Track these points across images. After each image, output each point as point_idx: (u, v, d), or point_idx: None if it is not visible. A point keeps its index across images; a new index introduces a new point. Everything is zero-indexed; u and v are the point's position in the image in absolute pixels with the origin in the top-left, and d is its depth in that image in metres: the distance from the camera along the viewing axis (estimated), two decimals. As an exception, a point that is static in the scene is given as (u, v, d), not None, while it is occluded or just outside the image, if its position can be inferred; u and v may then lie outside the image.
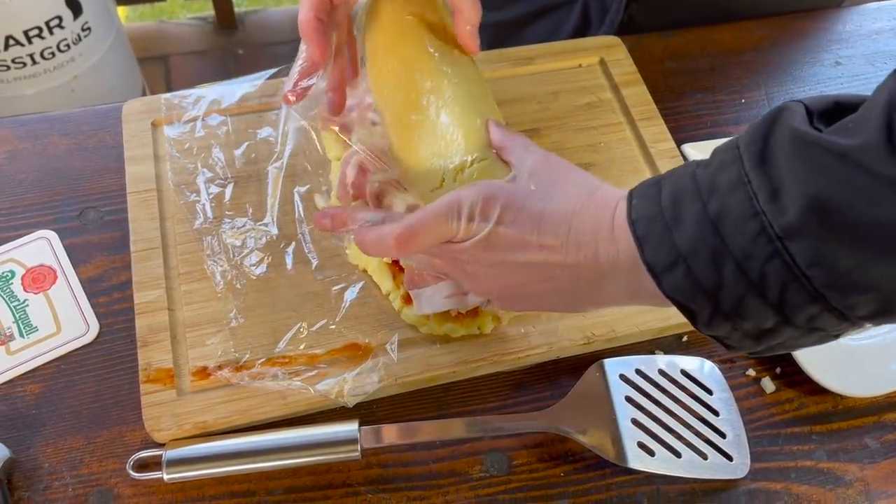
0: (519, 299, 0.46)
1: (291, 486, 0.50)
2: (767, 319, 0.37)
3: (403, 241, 0.44)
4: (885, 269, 0.33)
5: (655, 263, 0.38)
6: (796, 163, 0.34)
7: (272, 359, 0.52)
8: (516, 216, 0.42)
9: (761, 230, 0.34)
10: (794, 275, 0.34)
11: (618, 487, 0.51)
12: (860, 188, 0.32)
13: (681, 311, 0.39)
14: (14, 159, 0.63)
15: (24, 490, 0.49)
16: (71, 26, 1.33)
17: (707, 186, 0.37)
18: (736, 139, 0.38)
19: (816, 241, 0.33)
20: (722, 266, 0.36)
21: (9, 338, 0.54)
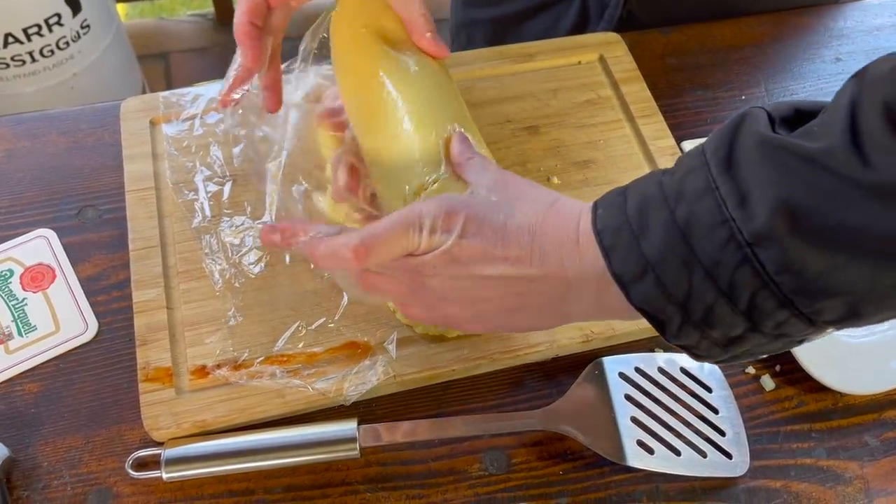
0: (483, 317, 0.44)
1: (290, 484, 0.50)
2: (737, 327, 0.36)
3: (362, 253, 0.42)
4: (854, 273, 0.33)
5: (623, 273, 0.37)
6: (764, 167, 0.34)
7: (271, 357, 0.52)
8: (479, 228, 0.42)
9: (730, 237, 0.34)
10: (763, 281, 0.34)
11: (617, 486, 0.51)
12: (828, 191, 0.32)
13: (650, 322, 0.38)
14: (12, 158, 0.63)
15: (24, 489, 0.49)
16: (70, 24, 1.33)
17: (674, 194, 0.36)
18: (702, 145, 0.37)
19: (785, 246, 0.33)
20: (691, 274, 0.35)
21: (7, 337, 0.54)
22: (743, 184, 0.34)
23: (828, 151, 0.33)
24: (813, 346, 0.55)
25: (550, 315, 0.43)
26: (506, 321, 0.45)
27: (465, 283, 0.42)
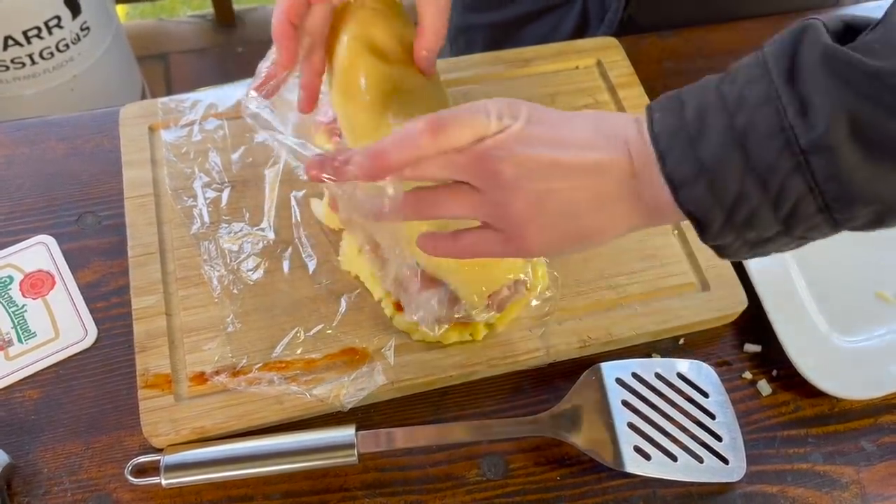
0: (553, 217, 0.42)
1: (289, 490, 0.50)
2: (772, 229, 0.39)
3: (436, 128, 0.41)
4: (892, 183, 0.36)
5: (676, 176, 0.39)
6: (828, 78, 0.35)
7: (269, 364, 0.52)
8: (543, 117, 0.42)
9: (786, 145, 0.36)
10: (809, 188, 0.36)
11: (614, 491, 0.51)
12: (888, 106, 0.35)
13: (692, 223, 0.40)
14: (12, 164, 0.63)
15: (24, 495, 0.49)
16: (70, 26, 1.33)
17: (735, 101, 0.37)
18: (762, 54, 0.38)
19: (839, 154, 0.35)
20: (744, 179, 0.37)
21: (7, 343, 0.55)
22: (805, 94, 0.36)
23: (891, 71, 0.34)
24: (809, 351, 0.55)
25: (609, 213, 0.42)
26: (574, 221, 0.42)
27: (536, 170, 0.41)
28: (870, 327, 0.58)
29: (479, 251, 0.45)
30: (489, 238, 0.43)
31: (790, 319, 0.56)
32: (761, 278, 0.58)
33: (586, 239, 0.43)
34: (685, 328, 0.57)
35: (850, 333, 0.57)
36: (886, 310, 0.59)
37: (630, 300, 0.57)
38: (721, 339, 0.58)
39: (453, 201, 0.43)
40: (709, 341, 0.58)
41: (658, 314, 0.56)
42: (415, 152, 0.41)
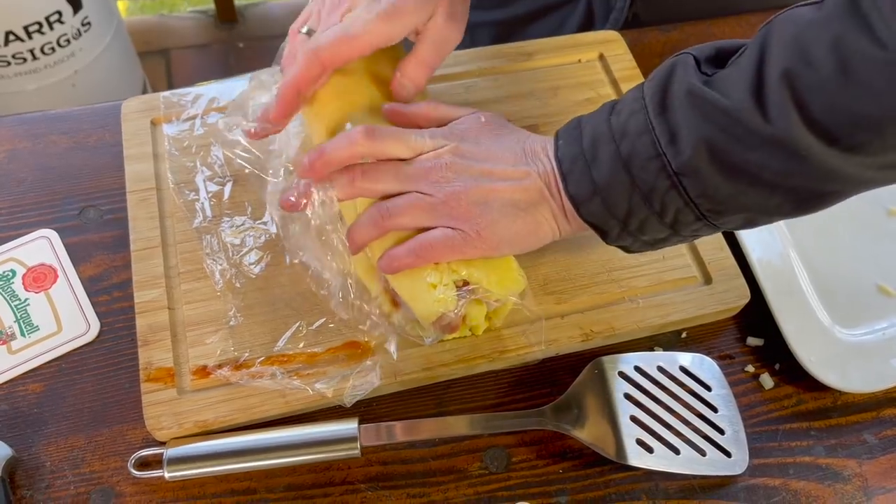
0: (495, 210, 0.47)
1: (292, 483, 0.50)
2: (662, 233, 0.46)
3: (372, 133, 0.48)
4: (752, 197, 0.43)
5: (576, 195, 0.46)
6: (690, 114, 0.42)
7: (271, 357, 0.52)
8: (478, 135, 0.50)
9: (662, 168, 0.43)
10: (685, 202, 0.44)
11: (616, 484, 0.51)
12: (738, 136, 0.41)
13: (594, 231, 0.48)
14: (14, 158, 0.63)
15: (27, 489, 0.49)
16: (71, 21, 1.33)
17: (620, 131, 0.45)
18: (641, 89, 0.45)
19: (703, 176, 0.42)
20: (631, 197, 0.45)
21: (10, 337, 0.55)
22: (673, 125, 0.43)
23: (739, 107, 0.41)
24: (812, 344, 0.55)
25: (539, 214, 0.48)
26: (518, 215, 0.48)
27: (476, 176, 0.48)
28: (872, 321, 0.58)
29: (438, 248, 0.48)
30: (448, 234, 0.47)
31: (793, 313, 0.56)
32: (764, 272, 0.58)
33: (532, 234, 0.48)
34: (688, 322, 0.57)
35: (853, 327, 0.57)
36: (889, 303, 0.59)
37: (633, 294, 0.57)
38: (723, 333, 0.58)
39: (409, 207, 0.48)
40: (711, 335, 0.58)
41: (660, 308, 0.56)
42: (351, 150, 0.48)
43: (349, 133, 0.48)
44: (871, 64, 0.37)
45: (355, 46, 0.48)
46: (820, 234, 0.61)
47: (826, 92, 0.39)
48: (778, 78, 0.40)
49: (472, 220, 0.47)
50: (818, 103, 0.39)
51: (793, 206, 0.44)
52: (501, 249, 0.48)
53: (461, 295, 0.49)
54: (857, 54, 0.38)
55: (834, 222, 0.62)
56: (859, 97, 0.38)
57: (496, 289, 0.49)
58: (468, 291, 0.49)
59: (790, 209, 0.44)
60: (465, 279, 0.49)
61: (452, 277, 0.49)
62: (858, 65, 0.38)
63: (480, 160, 0.48)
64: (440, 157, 0.48)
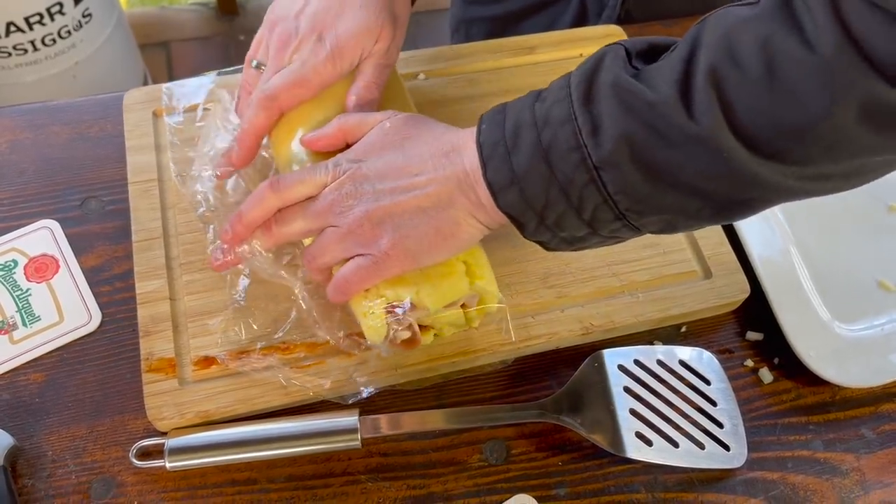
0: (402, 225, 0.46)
1: (292, 474, 0.50)
2: (581, 230, 0.44)
3: (275, 185, 0.48)
4: (671, 198, 0.41)
5: (494, 182, 0.44)
6: (614, 106, 0.40)
7: (273, 346, 0.53)
8: (381, 152, 0.48)
9: (582, 160, 0.41)
10: (604, 198, 0.41)
11: (615, 477, 0.52)
12: (660, 132, 0.39)
13: (511, 222, 0.45)
14: (15, 149, 0.63)
15: (28, 478, 0.49)
16: (72, 12, 1.33)
17: (542, 119, 0.42)
18: (568, 77, 0.43)
19: (623, 172, 0.40)
20: (549, 188, 0.42)
21: (12, 327, 0.55)
22: (596, 117, 0.40)
23: (664, 101, 0.39)
24: (811, 339, 0.56)
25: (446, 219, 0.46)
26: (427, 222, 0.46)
27: (378, 195, 0.46)
28: (871, 316, 0.58)
29: (354, 280, 0.48)
30: (359, 263, 0.47)
31: (792, 308, 0.57)
32: (764, 267, 0.58)
33: (451, 237, 0.46)
34: (687, 316, 0.57)
35: (852, 322, 0.58)
36: (888, 298, 0.59)
37: (633, 288, 0.57)
38: (723, 327, 0.59)
39: (325, 245, 0.48)
40: (711, 329, 0.58)
41: (660, 302, 0.56)
42: (263, 207, 0.48)
43: (257, 191, 0.48)
44: (797, 67, 0.36)
45: (309, 88, 0.52)
46: (820, 230, 0.62)
47: (751, 94, 0.37)
48: (705, 76, 0.38)
49: (377, 243, 0.46)
50: (743, 105, 0.37)
51: (713, 211, 0.42)
52: (420, 261, 0.47)
53: (393, 318, 0.48)
54: (785, 55, 0.36)
55: (834, 218, 0.62)
56: (783, 102, 0.37)
57: (430, 301, 0.48)
58: (401, 312, 0.48)
59: (710, 214, 0.42)
60: (392, 301, 0.48)
61: (379, 303, 0.48)
62: (785, 67, 0.36)
63: (381, 178, 0.47)
64: (341, 186, 0.47)
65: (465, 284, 0.49)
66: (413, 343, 0.50)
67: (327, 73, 0.52)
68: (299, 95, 0.52)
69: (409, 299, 0.47)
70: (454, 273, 0.49)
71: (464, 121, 0.64)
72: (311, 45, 0.51)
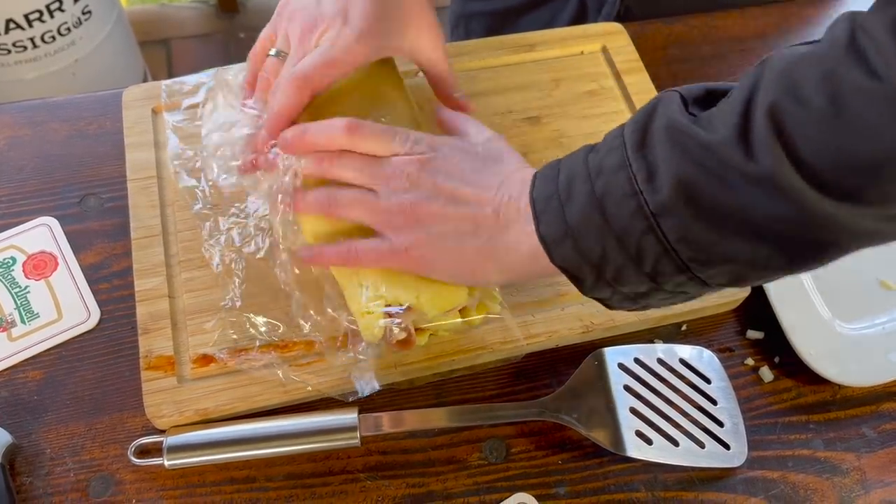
0: (432, 234, 0.45)
1: (291, 472, 0.50)
2: (642, 286, 0.42)
3: (353, 128, 0.47)
4: (737, 246, 0.38)
5: (548, 236, 0.42)
6: (669, 149, 0.38)
7: (271, 344, 0.52)
8: (462, 156, 0.47)
9: (638, 207, 0.39)
10: (664, 248, 0.39)
11: (615, 475, 0.51)
12: (719, 176, 0.37)
13: (568, 278, 0.44)
14: (14, 146, 0.63)
15: (26, 475, 0.49)
16: (71, 9, 1.32)
17: (596, 169, 0.41)
18: (622, 127, 0.42)
19: (682, 218, 0.38)
20: (605, 240, 0.40)
21: (10, 324, 0.55)
22: (651, 162, 0.39)
23: (721, 142, 0.37)
24: (812, 338, 0.55)
25: (493, 254, 0.45)
26: (456, 246, 0.46)
27: (432, 195, 0.46)
28: (872, 315, 0.58)
29: (364, 259, 0.47)
30: (377, 246, 0.47)
31: (793, 306, 0.56)
32: (764, 265, 0.58)
33: (461, 266, 0.46)
34: (688, 314, 0.57)
35: (853, 321, 0.57)
36: (889, 297, 0.59)
37: (633, 286, 0.57)
38: (723, 326, 0.58)
39: (357, 203, 0.47)
40: (711, 327, 0.58)
41: (661, 300, 0.56)
42: (329, 141, 0.48)
43: (332, 122, 0.48)
44: (864, 97, 0.34)
45: (341, 68, 0.51)
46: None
47: (815, 128, 0.35)
48: (764, 113, 0.36)
49: (402, 236, 0.46)
50: (806, 141, 0.35)
51: (785, 260, 0.39)
52: (434, 272, 0.47)
53: (390, 320, 0.48)
54: (850, 87, 0.34)
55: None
56: (851, 135, 0.34)
57: (429, 307, 0.48)
58: (399, 310, 0.48)
59: (782, 263, 0.39)
60: (390, 302, 0.47)
61: (378, 304, 0.47)
62: (851, 99, 0.34)
63: (448, 177, 0.46)
64: (409, 164, 0.47)
65: (464, 293, 0.49)
66: (408, 344, 0.50)
67: (358, 52, 0.50)
68: (331, 76, 0.50)
69: (409, 304, 0.47)
70: None
71: (464, 118, 0.64)
72: (338, 26, 0.50)
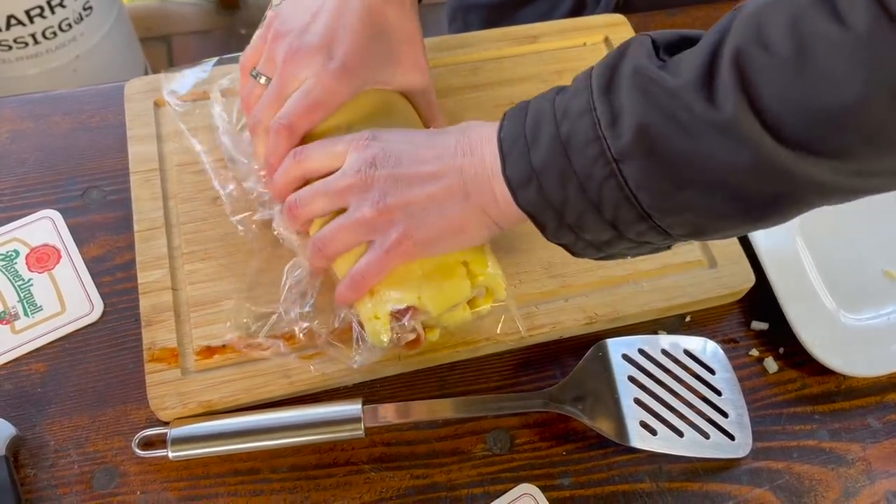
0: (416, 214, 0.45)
1: (295, 464, 0.50)
2: (605, 233, 0.41)
3: (299, 154, 0.49)
4: (695, 196, 0.38)
5: (513, 178, 0.42)
6: (634, 94, 0.38)
7: (275, 335, 0.52)
8: (405, 136, 0.48)
9: (601, 153, 0.39)
10: (625, 195, 0.39)
11: (620, 466, 0.51)
12: (680, 122, 0.36)
13: (532, 222, 0.43)
14: (17, 139, 0.63)
15: (31, 468, 0.49)
16: (72, 5, 1.32)
17: (561, 111, 0.41)
18: (591, 68, 0.41)
19: (644, 165, 0.38)
20: (567, 184, 0.40)
21: (14, 317, 0.55)
22: (616, 106, 0.38)
23: (684, 87, 0.36)
24: (817, 328, 0.55)
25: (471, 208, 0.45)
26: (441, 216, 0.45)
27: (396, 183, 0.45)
28: (877, 305, 0.58)
29: (369, 274, 0.47)
30: (371, 256, 0.46)
31: (797, 297, 0.56)
32: (769, 256, 0.58)
33: (457, 233, 0.46)
34: (692, 305, 0.57)
35: (858, 311, 0.57)
36: (894, 288, 0.59)
37: (637, 277, 0.57)
38: (728, 317, 0.58)
39: (338, 230, 0.47)
40: (716, 318, 0.58)
41: (665, 291, 0.56)
42: (288, 175, 0.49)
43: (284, 162, 0.49)
44: (829, 44, 0.33)
45: (326, 111, 0.51)
46: (826, 218, 0.61)
47: (778, 76, 0.34)
48: (729, 58, 0.35)
49: (388, 232, 0.46)
50: (769, 88, 0.34)
51: (742, 212, 0.38)
52: (429, 251, 0.47)
53: (398, 323, 0.48)
54: (816, 34, 0.33)
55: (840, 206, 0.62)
56: (814, 84, 0.34)
57: (433, 305, 0.47)
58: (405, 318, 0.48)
59: (739, 215, 0.39)
60: (395, 304, 0.47)
61: (385, 309, 0.47)
62: (815, 45, 0.33)
63: (398, 160, 0.46)
64: (360, 165, 0.46)
65: (466, 285, 0.48)
66: (417, 344, 0.50)
67: (342, 91, 0.50)
68: (316, 119, 0.51)
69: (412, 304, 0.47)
70: (455, 275, 0.48)
71: (468, 110, 0.64)
72: (321, 61, 0.50)
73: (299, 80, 0.51)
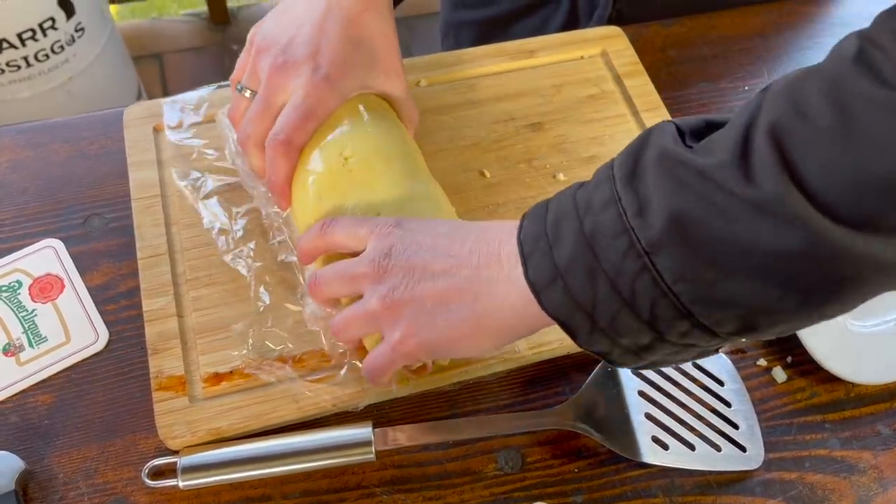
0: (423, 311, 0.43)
1: (307, 489, 0.50)
2: (643, 336, 0.37)
3: (322, 227, 0.48)
4: (742, 286, 0.34)
5: (536, 280, 0.39)
6: (661, 179, 0.35)
7: (283, 357, 0.52)
8: (427, 227, 0.45)
9: (630, 245, 0.35)
10: (661, 290, 0.35)
11: (633, 482, 0.51)
12: (717, 205, 0.33)
13: (563, 329, 0.40)
14: (16, 168, 0.63)
15: (40, 501, 0.49)
16: (64, 27, 1.32)
17: (584, 205, 0.38)
18: (612, 160, 0.39)
19: (679, 255, 0.34)
20: (596, 282, 0.37)
21: (18, 349, 0.54)
22: (643, 195, 0.36)
23: (718, 167, 0.34)
24: (824, 336, 0.55)
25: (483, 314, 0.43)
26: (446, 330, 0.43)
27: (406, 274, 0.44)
28: (884, 312, 0.58)
29: (378, 367, 0.46)
30: (380, 351, 0.46)
31: (803, 305, 0.56)
32: (773, 265, 0.58)
33: (463, 339, 0.43)
34: (698, 317, 0.57)
35: (865, 318, 0.57)
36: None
37: (643, 290, 0.57)
38: (734, 327, 0.58)
39: (353, 319, 0.46)
40: (722, 329, 0.58)
41: (671, 303, 0.56)
42: (314, 245, 0.49)
43: (311, 229, 0.49)
44: (875, 107, 0.31)
45: (319, 120, 0.51)
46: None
47: (821, 146, 0.31)
48: (764, 133, 0.33)
49: (393, 331, 0.44)
50: (812, 160, 0.32)
51: (795, 303, 0.34)
52: (435, 353, 0.45)
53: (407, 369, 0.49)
54: (859, 97, 0.31)
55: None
56: (863, 151, 0.31)
57: None
58: None
59: (794, 305, 0.34)
60: None
61: None
62: (860, 110, 0.31)
63: (416, 252, 0.44)
64: (377, 254, 0.45)
65: None
66: (424, 369, 0.50)
67: (332, 99, 0.51)
68: (311, 130, 0.51)
69: None
70: None
71: (467, 126, 0.64)
72: (308, 72, 0.50)
73: (286, 92, 0.51)
